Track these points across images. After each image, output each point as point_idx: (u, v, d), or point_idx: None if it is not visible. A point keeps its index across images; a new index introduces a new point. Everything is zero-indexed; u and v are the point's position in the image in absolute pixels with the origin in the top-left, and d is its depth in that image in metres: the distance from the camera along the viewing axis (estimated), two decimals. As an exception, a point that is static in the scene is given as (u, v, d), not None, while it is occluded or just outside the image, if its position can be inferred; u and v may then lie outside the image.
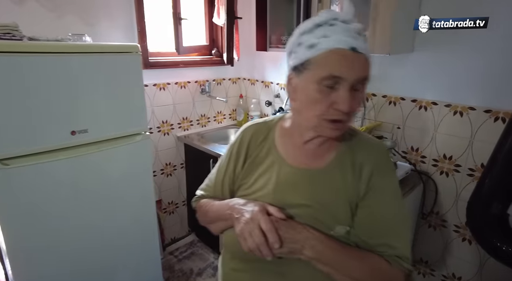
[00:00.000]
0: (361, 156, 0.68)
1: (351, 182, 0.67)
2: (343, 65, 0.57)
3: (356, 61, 0.58)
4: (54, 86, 1.13)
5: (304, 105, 0.63)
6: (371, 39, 1.40)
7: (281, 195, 0.69)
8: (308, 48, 0.60)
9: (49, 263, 1.23)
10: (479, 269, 1.52)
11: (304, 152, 0.71)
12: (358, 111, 0.65)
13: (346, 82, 0.58)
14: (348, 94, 0.58)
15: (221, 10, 2.08)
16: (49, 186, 1.18)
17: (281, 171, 0.71)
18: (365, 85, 0.61)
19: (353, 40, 0.58)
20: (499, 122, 1.34)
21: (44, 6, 1.48)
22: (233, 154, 0.79)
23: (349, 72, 0.57)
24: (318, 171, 0.69)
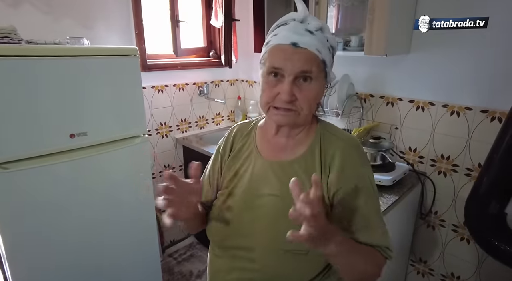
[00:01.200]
0: (331, 151, 0.71)
1: (321, 174, 0.71)
2: (281, 58, 0.64)
3: (296, 55, 0.64)
4: (53, 89, 1.13)
5: (260, 95, 0.71)
6: (368, 41, 1.41)
7: (254, 186, 0.74)
8: (264, 46, 0.69)
9: (48, 266, 1.23)
10: (477, 268, 1.53)
11: (274, 145, 0.76)
12: (312, 101, 0.68)
13: (287, 74, 0.64)
14: (289, 85, 0.64)
15: (219, 12, 2.09)
16: (49, 189, 1.17)
17: (256, 163, 0.76)
18: (315, 78, 0.66)
19: (297, 36, 0.64)
20: (495, 122, 1.35)
21: (40, 9, 1.48)
22: (220, 150, 0.84)
23: (287, 64, 0.64)
24: (286, 163, 0.73)
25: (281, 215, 0.68)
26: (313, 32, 0.64)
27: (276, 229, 0.69)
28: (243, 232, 0.73)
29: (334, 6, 1.73)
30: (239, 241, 0.74)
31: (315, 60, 0.65)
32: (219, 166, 0.83)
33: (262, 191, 0.73)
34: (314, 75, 0.65)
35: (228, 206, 0.76)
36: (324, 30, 0.67)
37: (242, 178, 0.77)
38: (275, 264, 0.70)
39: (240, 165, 0.78)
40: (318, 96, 0.69)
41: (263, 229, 0.71)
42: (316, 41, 0.64)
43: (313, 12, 1.56)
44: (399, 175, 1.47)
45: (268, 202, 0.72)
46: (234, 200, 0.76)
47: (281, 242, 0.65)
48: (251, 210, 0.73)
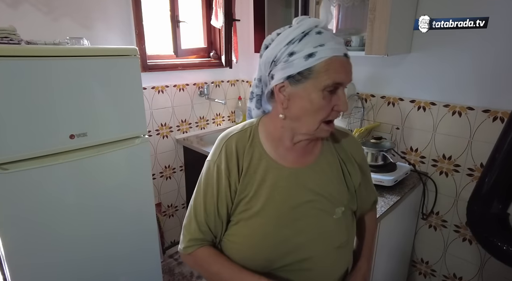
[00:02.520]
0: (340, 141, 0.80)
1: (340, 169, 0.77)
2: (343, 71, 0.63)
3: (349, 66, 0.65)
4: (53, 90, 1.12)
5: (307, 112, 0.65)
6: (369, 41, 1.40)
7: (286, 198, 0.70)
8: (307, 57, 0.61)
9: (48, 267, 1.22)
10: (480, 269, 1.52)
11: (295, 152, 0.73)
12: None
13: (342, 86, 0.64)
14: (345, 95, 0.65)
15: (219, 13, 2.08)
16: (49, 190, 1.17)
17: (280, 175, 0.71)
18: None
19: (342, 46, 0.63)
20: (497, 121, 1.35)
21: (40, 9, 1.47)
22: (222, 171, 0.71)
23: (347, 77, 0.64)
24: (311, 166, 0.74)
25: (322, 216, 0.72)
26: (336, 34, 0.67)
27: (324, 231, 0.72)
28: (292, 249, 0.69)
29: (335, 6, 1.73)
30: (289, 259, 0.69)
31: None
32: (228, 192, 0.71)
33: (298, 200, 0.70)
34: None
35: (262, 230, 0.68)
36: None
37: (266, 195, 0.69)
38: (331, 262, 0.74)
39: (259, 183, 0.70)
40: None
41: (313, 237, 0.71)
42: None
43: (313, 12, 1.55)
44: (401, 175, 1.46)
45: (309, 210, 0.71)
46: (267, 222, 0.69)
47: (331, 241, 0.72)
48: (291, 224, 0.69)
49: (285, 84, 0.64)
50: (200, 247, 0.74)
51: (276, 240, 0.69)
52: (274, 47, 0.65)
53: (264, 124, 0.75)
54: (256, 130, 0.74)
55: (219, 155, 0.72)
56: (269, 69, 0.67)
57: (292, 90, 0.64)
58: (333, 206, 0.73)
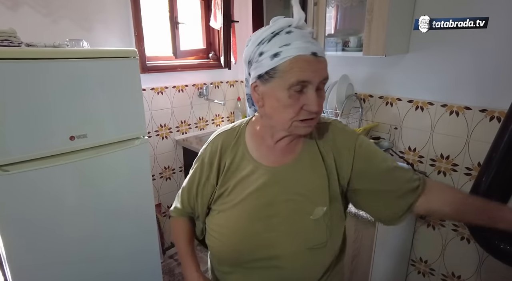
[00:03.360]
0: (326, 135, 0.74)
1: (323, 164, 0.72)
2: (308, 70, 0.62)
3: (318, 65, 0.63)
4: (53, 91, 1.13)
5: (276, 110, 0.66)
6: (367, 41, 1.41)
7: (262, 195, 0.72)
8: (272, 57, 0.63)
9: (48, 268, 1.23)
10: (478, 267, 1.53)
11: (276, 151, 0.74)
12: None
13: (312, 85, 0.63)
14: (315, 95, 0.63)
15: (218, 14, 2.09)
16: (49, 191, 1.18)
17: (258, 173, 0.73)
18: (325, 84, 0.67)
19: (312, 45, 0.62)
20: (494, 121, 1.36)
21: (39, 11, 1.48)
22: (205, 164, 0.78)
23: (314, 75, 0.62)
24: (292, 165, 0.72)
25: (298, 215, 0.70)
26: (315, 39, 0.65)
27: (297, 231, 0.70)
28: (262, 244, 0.71)
29: (333, 7, 1.74)
30: (258, 253, 0.71)
31: (327, 66, 0.66)
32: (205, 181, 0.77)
33: (274, 198, 0.71)
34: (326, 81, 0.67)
35: (235, 222, 0.72)
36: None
37: (244, 191, 0.73)
38: (303, 263, 0.71)
39: (239, 180, 0.74)
40: None
41: (285, 235, 0.70)
42: (321, 47, 0.65)
43: (311, 13, 1.56)
44: (399, 175, 1.46)
45: (284, 208, 0.71)
46: (240, 214, 0.72)
47: (304, 241, 0.69)
48: (264, 220, 0.71)
49: (257, 83, 0.67)
50: (178, 217, 0.88)
51: (246, 233, 0.71)
52: (249, 47, 0.68)
53: (252, 123, 0.78)
54: (244, 129, 0.78)
55: (205, 149, 0.80)
56: (247, 69, 0.71)
57: (263, 89, 0.66)
58: (312, 205, 0.70)
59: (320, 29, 1.58)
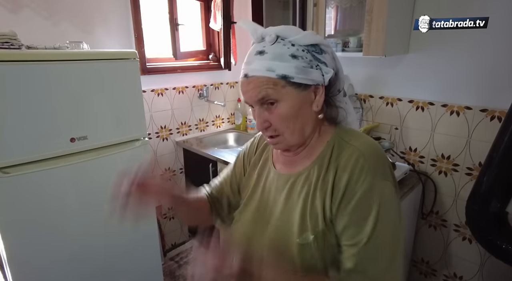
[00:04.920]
0: (344, 161, 0.61)
1: (322, 189, 0.62)
2: (243, 92, 0.63)
3: (249, 85, 0.61)
4: (53, 93, 1.13)
5: None
6: (367, 42, 1.41)
7: (265, 199, 0.72)
8: None
9: (49, 270, 1.23)
10: (480, 268, 1.53)
11: (284, 159, 0.72)
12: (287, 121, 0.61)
13: (253, 105, 0.63)
14: (257, 114, 0.62)
15: (218, 15, 2.10)
16: (49, 193, 1.18)
17: (269, 175, 0.74)
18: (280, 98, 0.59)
19: (247, 66, 0.61)
20: (495, 121, 1.35)
21: (40, 14, 1.49)
22: (239, 155, 0.84)
23: (247, 97, 0.62)
24: (295, 175, 0.68)
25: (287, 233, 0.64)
26: (264, 51, 0.59)
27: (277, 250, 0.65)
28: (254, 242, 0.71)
29: (333, 8, 1.74)
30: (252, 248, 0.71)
31: (268, 82, 0.58)
32: (240, 169, 0.82)
33: (273, 207, 0.70)
34: (274, 97, 0.59)
35: (244, 216, 0.75)
36: (286, 35, 0.59)
37: (257, 188, 0.75)
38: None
39: (256, 178, 0.76)
40: (294, 113, 0.60)
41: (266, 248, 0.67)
42: (265, 61, 0.58)
43: (311, 14, 1.57)
44: (400, 175, 1.47)
45: (276, 222, 0.68)
46: (248, 211, 0.74)
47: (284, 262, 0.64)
48: (264, 223, 0.70)
49: None
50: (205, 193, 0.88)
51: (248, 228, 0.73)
52: None
53: None
54: None
55: (255, 137, 0.84)
56: None
57: None
58: (302, 229, 0.62)
59: (320, 30, 1.58)
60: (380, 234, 0.57)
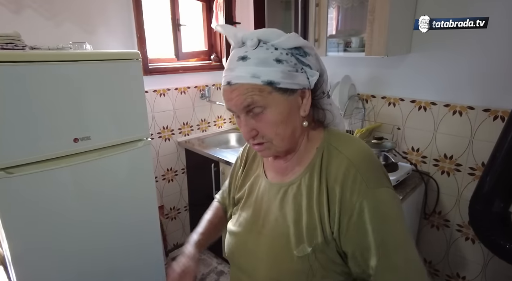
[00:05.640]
0: (335, 170, 0.59)
1: (318, 201, 0.60)
2: (226, 100, 0.59)
3: (233, 93, 0.57)
4: (57, 94, 1.14)
5: None
6: (369, 42, 1.41)
7: (258, 208, 0.71)
8: None
9: (53, 270, 1.23)
10: (483, 268, 1.52)
11: (276, 167, 0.70)
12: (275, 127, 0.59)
13: (238, 113, 0.60)
14: (244, 123, 0.59)
15: (220, 16, 2.10)
16: (53, 193, 1.18)
17: (261, 183, 0.72)
18: (267, 104, 0.57)
19: (229, 72, 0.58)
20: (498, 120, 1.35)
21: (42, 15, 1.49)
22: (236, 165, 0.84)
23: (231, 104, 0.59)
24: (285, 185, 0.65)
25: (282, 243, 0.63)
26: (246, 57, 0.56)
27: (274, 261, 0.64)
28: (247, 253, 0.70)
29: (334, 8, 1.74)
30: (243, 260, 0.71)
31: (253, 89, 0.56)
32: (233, 182, 0.83)
33: (266, 215, 0.68)
34: (261, 103, 0.56)
35: (238, 224, 0.74)
36: (269, 38, 0.57)
37: (250, 198, 0.74)
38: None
39: (251, 184, 0.75)
40: (283, 119, 0.58)
41: (263, 258, 0.66)
42: (249, 66, 0.56)
43: (313, 14, 1.57)
44: (402, 175, 1.46)
45: (270, 232, 0.66)
46: (242, 219, 0.74)
47: (280, 272, 0.63)
48: (256, 233, 0.69)
49: None
50: (217, 202, 0.93)
51: (241, 240, 0.72)
52: None
53: None
54: None
55: (241, 150, 0.84)
56: None
57: None
58: (297, 238, 0.61)
59: (322, 30, 1.58)
60: (389, 247, 0.55)
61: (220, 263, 2.08)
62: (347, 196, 0.56)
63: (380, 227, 0.55)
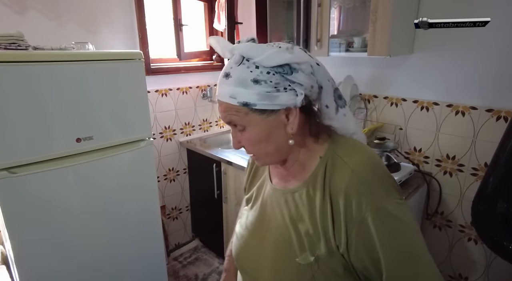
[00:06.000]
0: (339, 181, 0.57)
1: (321, 212, 0.58)
2: (218, 111, 0.61)
3: (220, 108, 0.60)
4: (59, 94, 1.14)
5: None
6: (371, 42, 1.41)
7: (263, 212, 0.71)
8: None
9: (55, 269, 1.23)
10: (485, 268, 1.52)
11: (278, 173, 0.70)
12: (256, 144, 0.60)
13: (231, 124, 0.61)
14: (232, 134, 0.62)
15: (222, 16, 2.10)
16: (55, 193, 1.18)
17: (266, 188, 0.72)
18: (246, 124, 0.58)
19: (220, 88, 0.58)
20: (501, 121, 1.35)
21: (46, 15, 1.50)
22: (249, 160, 0.83)
23: (222, 117, 0.61)
24: (289, 192, 0.64)
25: (284, 250, 0.62)
26: (229, 74, 0.56)
27: (277, 267, 0.63)
28: (251, 257, 0.70)
29: (336, 8, 1.74)
30: (247, 263, 0.72)
31: (231, 109, 0.57)
32: (245, 181, 0.83)
33: (270, 220, 0.68)
34: (240, 123, 0.57)
35: (245, 226, 0.74)
36: (251, 55, 0.54)
37: (257, 201, 0.74)
38: None
39: (258, 187, 0.75)
40: (262, 138, 0.58)
41: (266, 263, 0.65)
42: (229, 86, 0.56)
43: (315, 14, 1.56)
44: (405, 175, 1.46)
45: (274, 234, 0.65)
46: (248, 222, 0.74)
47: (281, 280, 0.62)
48: (260, 237, 0.69)
49: None
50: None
51: (246, 243, 0.72)
52: None
53: None
54: None
55: None
56: None
57: None
58: (300, 246, 0.60)
59: (324, 30, 1.58)
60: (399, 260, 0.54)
61: (222, 263, 2.08)
62: (352, 209, 0.54)
63: (388, 240, 0.53)
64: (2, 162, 1.06)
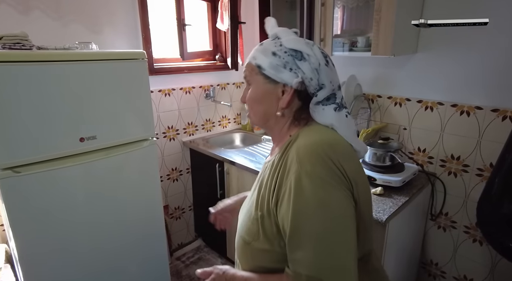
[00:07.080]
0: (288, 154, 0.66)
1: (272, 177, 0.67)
2: None
3: (245, 66, 0.74)
4: (63, 93, 1.14)
5: None
6: (375, 41, 1.40)
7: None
8: None
9: (59, 269, 1.24)
10: (491, 270, 1.50)
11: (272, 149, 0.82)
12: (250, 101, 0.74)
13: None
14: (244, 90, 0.76)
15: (225, 16, 2.10)
16: (59, 192, 1.19)
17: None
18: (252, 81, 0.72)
19: (252, 51, 0.73)
20: (507, 121, 1.33)
21: (50, 15, 1.51)
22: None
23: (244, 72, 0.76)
24: (267, 162, 0.75)
25: (247, 209, 0.74)
26: (262, 44, 0.71)
27: (241, 220, 0.75)
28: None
29: (339, 8, 1.73)
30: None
31: (249, 66, 0.72)
32: None
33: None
34: (248, 79, 0.72)
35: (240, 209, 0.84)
36: (281, 36, 0.70)
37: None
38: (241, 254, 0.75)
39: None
40: (257, 98, 0.71)
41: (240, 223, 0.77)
42: (257, 51, 0.71)
43: (319, 14, 1.56)
44: (409, 176, 1.45)
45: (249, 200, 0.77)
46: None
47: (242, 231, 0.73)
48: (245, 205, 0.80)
49: None
50: None
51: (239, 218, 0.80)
52: None
53: None
54: None
55: None
56: None
57: None
58: (256, 206, 0.69)
59: (328, 30, 1.57)
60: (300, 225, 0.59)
61: (224, 263, 2.08)
62: (285, 174, 0.63)
63: (297, 208, 0.59)
64: (6, 161, 1.07)
